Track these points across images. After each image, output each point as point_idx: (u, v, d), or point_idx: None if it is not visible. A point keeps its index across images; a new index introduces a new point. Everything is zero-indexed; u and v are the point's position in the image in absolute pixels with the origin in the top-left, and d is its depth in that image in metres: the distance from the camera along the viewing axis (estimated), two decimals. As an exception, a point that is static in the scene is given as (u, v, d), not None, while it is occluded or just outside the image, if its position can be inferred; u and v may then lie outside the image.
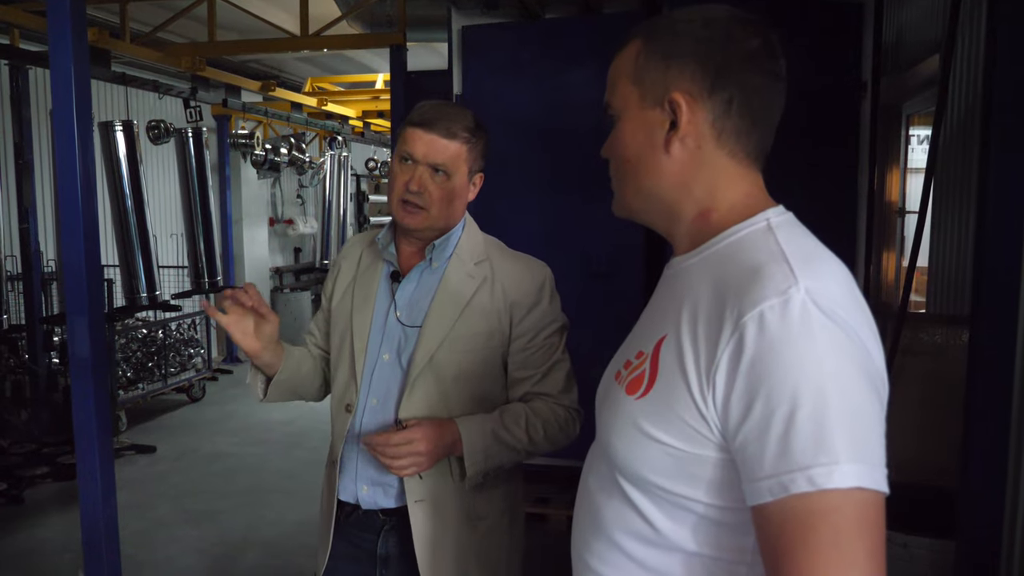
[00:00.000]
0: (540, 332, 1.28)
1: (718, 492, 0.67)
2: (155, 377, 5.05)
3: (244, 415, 5.15)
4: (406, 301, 1.28)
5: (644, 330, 0.78)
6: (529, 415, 1.24)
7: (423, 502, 1.24)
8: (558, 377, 1.28)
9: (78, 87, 2.24)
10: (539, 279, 1.29)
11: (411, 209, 1.24)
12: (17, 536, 3.22)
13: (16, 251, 4.31)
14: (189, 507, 3.58)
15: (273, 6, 5.12)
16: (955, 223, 3.02)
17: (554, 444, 1.26)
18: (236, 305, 1.23)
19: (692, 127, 0.72)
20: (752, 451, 0.62)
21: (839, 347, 0.61)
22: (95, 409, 2.33)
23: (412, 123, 1.24)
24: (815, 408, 0.60)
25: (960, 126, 2.94)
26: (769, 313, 0.62)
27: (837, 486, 0.59)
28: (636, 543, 0.72)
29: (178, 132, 5.00)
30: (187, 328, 5.48)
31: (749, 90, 0.72)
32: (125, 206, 4.23)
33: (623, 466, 0.73)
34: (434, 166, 1.23)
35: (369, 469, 1.27)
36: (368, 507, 1.28)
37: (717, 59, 0.71)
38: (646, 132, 0.74)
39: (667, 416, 0.68)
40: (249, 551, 3.12)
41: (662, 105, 0.73)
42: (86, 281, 2.29)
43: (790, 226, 0.72)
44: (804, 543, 0.60)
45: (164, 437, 4.62)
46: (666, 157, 0.74)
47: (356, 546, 1.31)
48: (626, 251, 3.00)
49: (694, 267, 0.73)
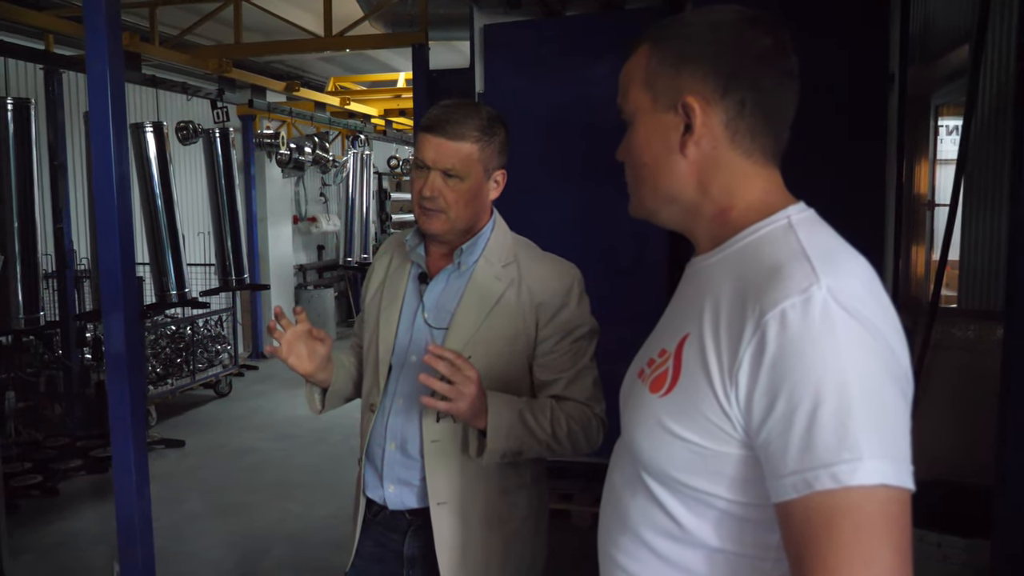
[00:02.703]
0: (567, 335, 1.26)
1: (741, 488, 0.68)
2: (183, 373, 5.15)
3: (270, 410, 5.24)
4: (434, 303, 1.28)
5: (667, 328, 0.79)
6: (556, 408, 1.23)
7: (446, 504, 1.24)
8: (586, 383, 1.26)
9: (113, 91, 2.29)
10: (567, 281, 1.27)
11: (430, 214, 1.24)
12: (52, 528, 3.32)
13: (50, 250, 4.44)
14: (218, 500, 3.65)
15: (295, 7, 5.19)
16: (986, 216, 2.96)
17: (575, 446, 1.23)
18: (284, 334, 1.28)
19: (706, 129, 0.73)
20: (775, 448, 0.62)
21: (861, 344, 0.61)
22: (130, 403, 2.38)
23: (422, 128, 1.24)
24: (838, 405, 0.60)
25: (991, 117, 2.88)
26: (791, 311, 0.62)
27: (861, 483, 0.59)
28: (661, 539, 0.73)
29: (206, 133, 5.09)
30: (214, 324, 5.58)
31: (762, 90, 0.72)
32: (156, 206, 4.33)
33: (647, 463, 0.74)
34: (445, 170, 1.21)
35: (396, 469, 1.27)
36: (395, 507, 1.28)
37: (728, 61, 0.72)
38: (661, 136, 0.75)
39: (690, 414, 0.69)
40: (277, 544, 3.18)
41: (675, 109, 0.74)
42: (121, 279, 2.35)
43: (811, 223, 0.72)
44: (828, 540, 0.60)
45: (192, 432, 4.72)
46: (682, 159, 0.74)
47: (382, 546, 1.32)
48: (649, 248, 3.00)
49: (715, 266, 0.74)
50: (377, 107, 7.25)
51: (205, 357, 5.38)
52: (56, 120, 4.35)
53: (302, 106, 6.58)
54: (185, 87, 4.88)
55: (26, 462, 3.86)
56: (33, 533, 3.25)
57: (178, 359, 5.12)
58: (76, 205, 4.76)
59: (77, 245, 4.67)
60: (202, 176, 5.48)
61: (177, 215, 4.50)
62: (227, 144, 5.08)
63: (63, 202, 4.35)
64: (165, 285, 4.37)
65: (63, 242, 4.38)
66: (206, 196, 5.49)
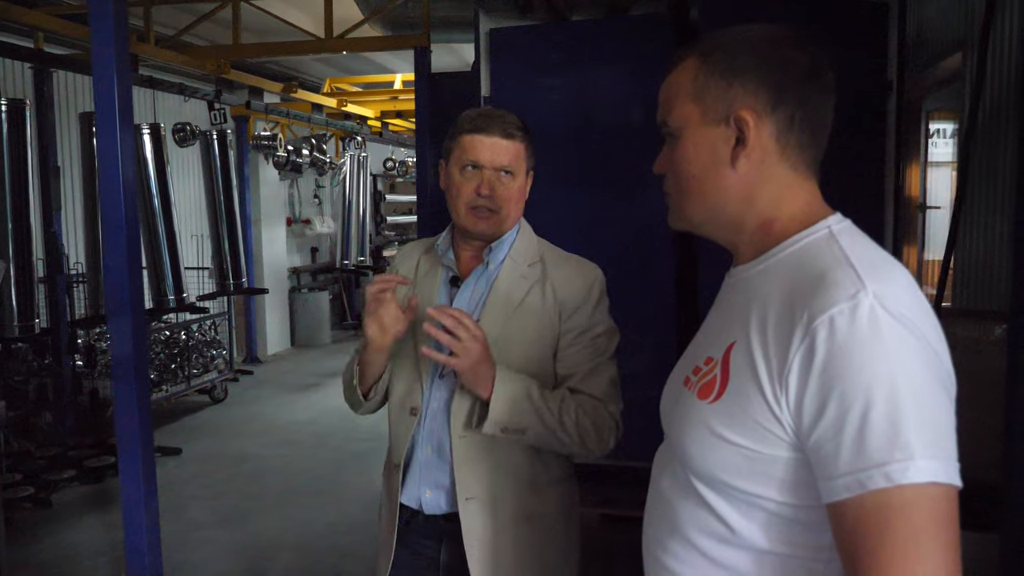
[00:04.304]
0: (586, 332, 1.27)
1: (791, 490, 0.69)
2: (178, 379, 5.07)
3: (267, 416, 5.17)
4: (464, 305, 1.28)
5: (711, 337, 0.81)
6: (567, 397, 1.22)
7: (475, 500, 1.23)
8: (601, 380, 1.26)
9: (121, 94, 2.25)
10: (589, 280, 1.29)
11: (483, 214, 1.24)
12: (48, 541, 3.23)
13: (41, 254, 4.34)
14: (219, 509, 3.59)
15: (291, 7, 5.14)
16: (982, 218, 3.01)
17: (584, 440, 1.21)
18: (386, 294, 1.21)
19: (758, 142, 0.75)
20: (827, 450, 0.64)
21: (908, 348, 0.64)
22: (137, 409, 2.34)
23: (469, 131, 1.25)
24: (888, 407, 0.62)
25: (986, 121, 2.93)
26: (839, 318, 0.64)
27: (913, 481, 0.61)
28: (711, 541, 0.75)
29: (203, 134, 5.02)
30: (208, 329, 5.50)
31: (809, 105, 0.75)
32: (153, 208, 4.25)
33: (697, 468, 0.75)
34: (501, 168, 1.24)
35: (432, 472, 1.26)
36: (431, 512, 1.27)
37: (778, 76, 0.74)
38: (710, 149, 0.77)
39: (740, 419, 0.70)
40: (283, 553, 3.13)
41: (727, 122, 0.76)
42: (128, 283, 2.30)
43: (851, 233, 0.74)
44: (881, 538, 0.61)
45: (189, 439, 4.64)
46: (731, 172, 0.76)
47: (418, 554, 1.30)
48: (656, 252, 3.00)
49: (758, 275, 0.76)
50: (374, 109, 7.21)
51: (200, 362, 5.30)
52: (47, 121, 4.25)
53: (298, 107, 6.52)
54: (182, 88, 4.80)
55: (16, 473, 3.75)
56: (28, 547, 3.16)
57: (173, 365, 5.03)
58: (69, 208, 4.67)
59: (69, 249, 4.57)
60: (195, 178, 5.41)
61: (175, 218, 4.43)
62: (224, 146, 5.01)
63: (59, 205, 4.25)
64: (163, 290, 4.30)
65: (56, 246, 4.28)
66: (199, 198, 5.42)
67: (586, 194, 3.09)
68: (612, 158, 3.09)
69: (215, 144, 4.95)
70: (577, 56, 3.12)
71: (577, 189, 3.10)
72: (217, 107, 4.83)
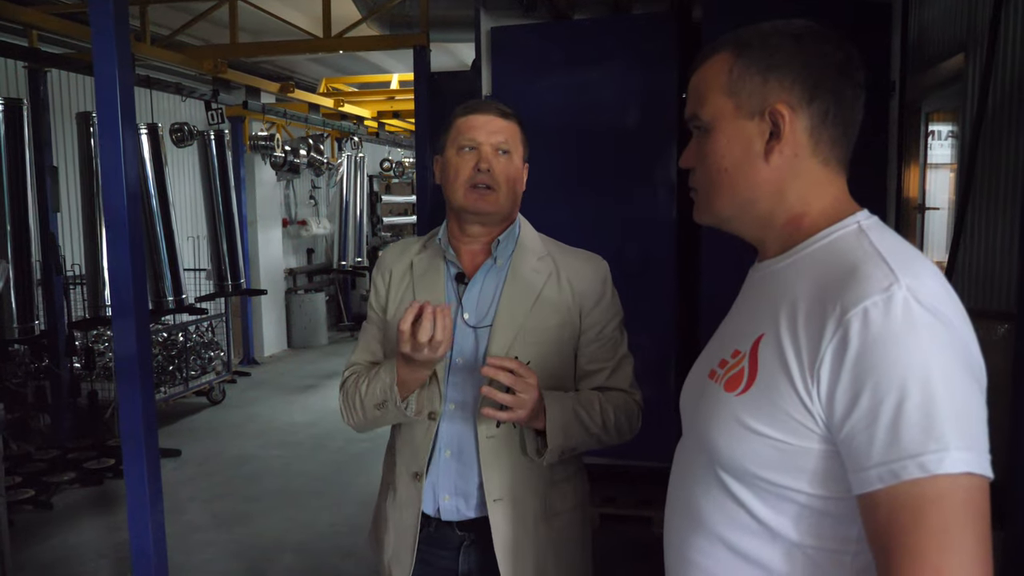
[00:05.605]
0: (607, 325, 1.28)
1: (822, 482, 0.69)
2: (176, 380, 5.04)
3: (266, 417, 5.15)
4: (474, 302, 1.26)
5: (737, 330, 0.80)
6: (602, 400, 1.24)
7: (501, 501, 1.22)
8: (627, 371, 1.29)
9: (122, 93, 2.24)
10: (601, 272, 1.30)
11: (482, 192, 1.22)
12: (49, 544, 3.21)
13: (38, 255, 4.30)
14: (219, 510, 3.57)
15: (288, 6, 5.12)
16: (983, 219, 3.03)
17: (620, 434, 1.26)
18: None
19: (792, 136, 0.75)
20: (860, 441, 0.64)
21: (941, 341, 0.64)
22: (142, 410, 2.33)
23: (465, 113, 1.26)
24: (923, 398, 0.62)
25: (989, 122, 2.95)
26: (873, 310, 0.64)
27: (947, 471, 0.61)
28: (739, 535, 0.74)
29: (201, 135, 4.99)
30: (206, 330, 5.47)
31: (843, 100, 0.75)
32: (151, 209, 4.22)
33: (726, 461, 0.75)
34: (497, 146, 1.24)
35: (452, 477, 1.25)
36: (448, 518, 1.25)
37: (813, 71, 0.74)
38: (743, 142, 0.77)
39: (770, 411, 0.70)
40: (284, 554, 3.12)
41: (761, 116, 0.75)
42: (132, 283, 2.29)
43: (880, 228, 0.75)
44: (915, 528, 0.61)
45: (187, 441, 4.62)
46: (764, 166, 0.76)
47: (430, 564, 1.28)
48: (656, 250, 3.00)
49: (787, 269, 0.76)
50: (370, 109, 7.19)
51: (198, 364, 5.27)
52: (43, 121, 4.21)
53: (294, 107, 6.49)
54: (179, 88, 4.78)
55: (16, 476, 3.73)
56: (30, 549, 3.14)
57: (171, 366, 5.00)
58: (65, 209, 4.63)
59: (66, 251, 4.54)
60: (191, 179, 5.37)
61: (174, 219, 4.40)
62: (222, 146, 4.98)
63: (58, 206, 4.22)
64: (162, 291, 4.27)
65: (53, 247, 4.25)
66: (196, 199, 5.39)
67: (587, 193, 3.09)
68: (614, 157, 3.09)
69: (213, 144, 4.92)
70: (579, 55, 3.12)
71: (578, 188, 3.11)
72: (214, 107, 4.81)
